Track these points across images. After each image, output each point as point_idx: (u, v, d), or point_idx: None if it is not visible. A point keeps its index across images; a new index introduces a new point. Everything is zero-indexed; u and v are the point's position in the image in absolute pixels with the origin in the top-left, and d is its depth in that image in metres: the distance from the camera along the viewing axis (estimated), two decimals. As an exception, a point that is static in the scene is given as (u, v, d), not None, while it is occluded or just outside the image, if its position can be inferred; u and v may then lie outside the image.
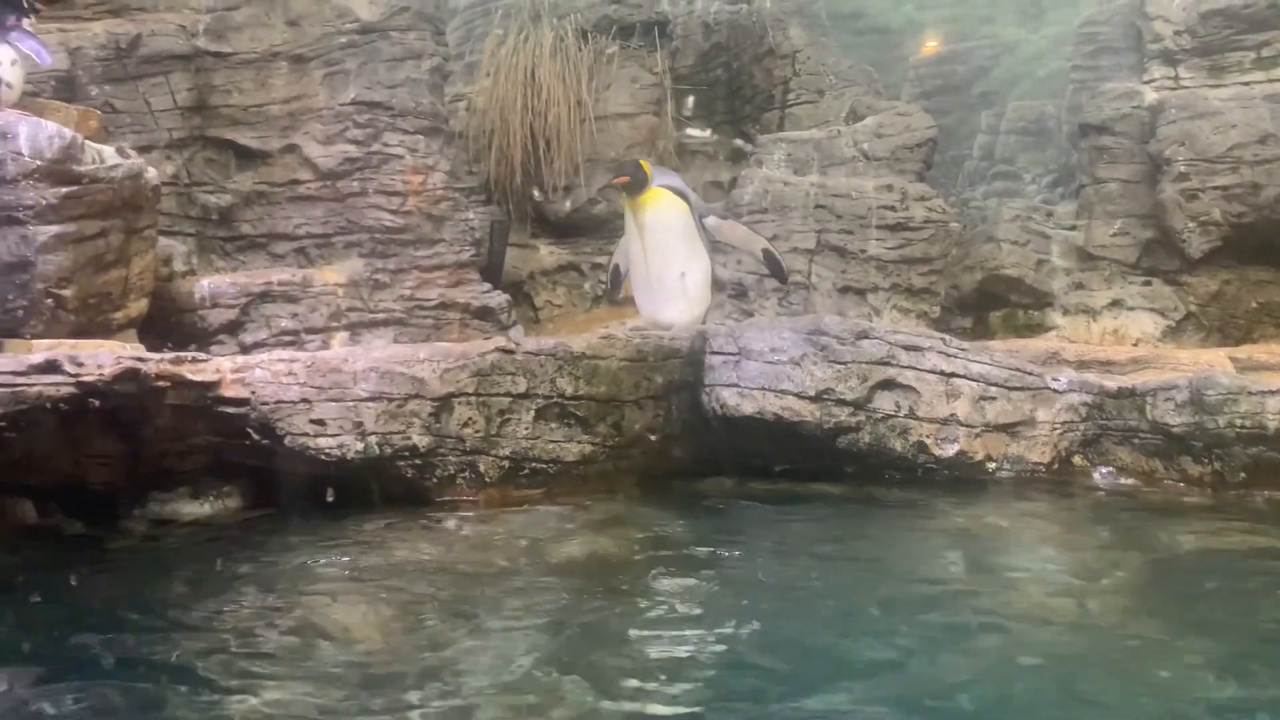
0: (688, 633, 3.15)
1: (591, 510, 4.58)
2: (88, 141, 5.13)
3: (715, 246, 6.59)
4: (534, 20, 8.32)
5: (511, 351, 4.82)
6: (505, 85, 8.03)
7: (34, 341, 4.75)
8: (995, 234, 8.10)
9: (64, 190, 4.98)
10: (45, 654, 2.88)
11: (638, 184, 6.30)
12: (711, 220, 6.47)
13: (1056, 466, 5.16)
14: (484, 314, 6.89)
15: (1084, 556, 4.01)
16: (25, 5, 5.17)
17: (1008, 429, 5.13)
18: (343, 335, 6.30)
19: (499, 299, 6.98)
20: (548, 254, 8.22)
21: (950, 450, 5.07)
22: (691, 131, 8.38)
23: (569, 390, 4.87)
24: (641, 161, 6.55)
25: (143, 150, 5.97)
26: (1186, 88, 7.90)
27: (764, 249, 6.62)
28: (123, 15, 6.64)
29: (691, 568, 3.87)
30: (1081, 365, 6.03)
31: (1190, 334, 7.67)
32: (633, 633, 3.11)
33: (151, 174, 5.44)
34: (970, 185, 10.19)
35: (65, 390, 3.95)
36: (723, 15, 8.62)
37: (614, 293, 6.85)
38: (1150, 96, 7.92)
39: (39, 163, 4.89)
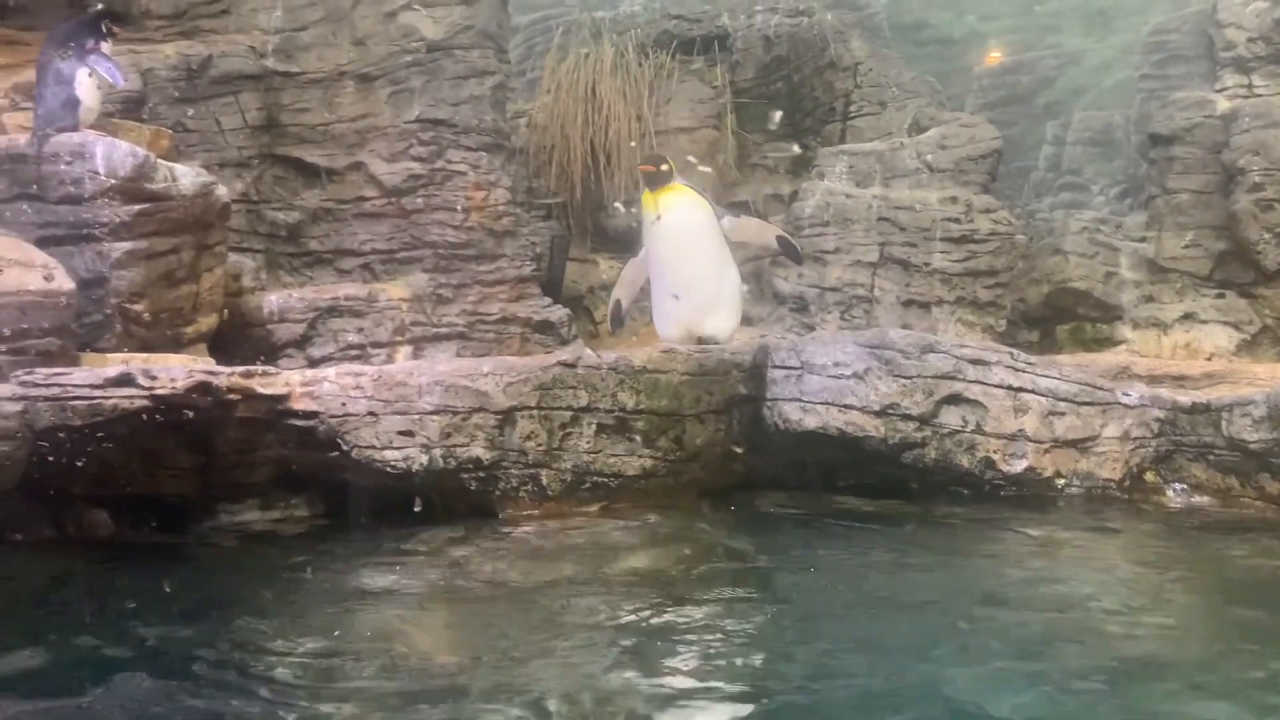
0: (752, 650, 3.12)
1: (653, 524, 4.57)
2: (160, 160, 5.25)
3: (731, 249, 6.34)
4: (594, 37, 8.37)
5: (573, 365, 4.83)
6: (566, 101, 8.08)
7: (108, 355, 4.86)
8: (1062, 246, 7.96)
9: (137, 208, 5.10)
10: (129, 663, 2.94)
11: (663, 177, 6.10)
12: (727, 221, 6.21)
13: (1128, 483, 5.05)
14: (544, 328, 6.93)
15: (1157, 576, 3.91)
16: (103, 29, 5.31)
17: (1077, 444, 5.03)
18: (407, 349, 6.36)
19: (559, 313, 7.01)
20: (607, 268, 8.23)
21: (1018, 466, 4.98)
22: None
23: (630, 404, 4.87)
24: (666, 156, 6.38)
25: (213, 168, 6.10)
26: (1260, 96, 7.72)
27: (777, 236, 6.50)
28: (193, 37, 6.78)
29: (755, 584, 3.84)
30: (1153, 380, 5.90)
31: (1266, 348, 7.47)
32: (697, 649, 3.09)
33: (221, 192, 5.55)
34: (1036, 197, 10.03)
35: (139, 403, 4.04)
36: (783, 28, 8.60)
37: (616, 327, 6.57)
38: (1223, 105, 7.74)
39: (114, 181, 5.02)
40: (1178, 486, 5.08)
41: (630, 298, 6.52)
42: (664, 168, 6.11)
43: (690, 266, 6.04)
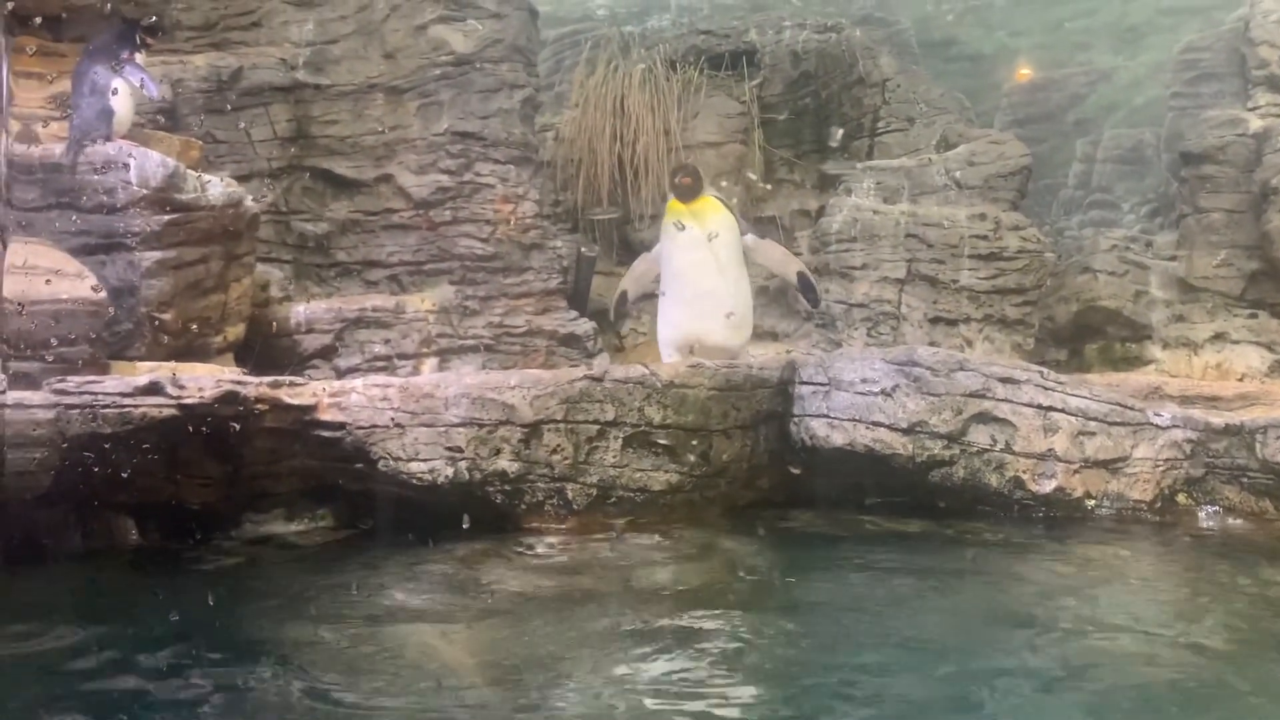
0: (779, 670, 3.09)
1: (678, 540, 4.54)
2: (190, 171, 5.28)
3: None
4: (623, 51, 8.39)
5: (600, 379, 4.82)
6: (594, 115, 8.09)
7: (137, 364, 4.88)
8: (1092, 264, 7.90)
9: (167, 218, 5.13)
10: (146, 674, 2.94)
11: (695, 189, 6.10)
12: (750, 239, 6.18)
13: (1159, 505, 4.98)
14: (570, 341, 6.93)
15: (1191, 600, 3.85)
16: (137, 41, 5.36)
17: (1108, 465, 4.97)
18: (433, 361, 6.38)
19: (585, 326, 7.01)
20: (633, 282, 8.23)
21: (1048, 486, 4.93)
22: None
23: (657, 419, 4.85)
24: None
25: (242, 179, 6.14)
26: (1294, 115, 7.64)
27: (799, 272, 6.41)
28: (224, 49, 6.84)
29: (781, 603, 3.80)
30: (1185, 401, 5.82)
31: (1300, 369, 7.38)
32: (723, 668, 3.06)
33: (250, 202, 5.58)
34: (1065, 214, 9.97)
35: (167, 412, 4.06)
36: (811, 44, 8.59)
37: (619, 321, 6.50)
38: (1255, 124, 7.67)
39: (145, 191, 5.06)
40: (1210, 509, 5.02)
41: (638, 292, 6.45)
42: (699, 178, 6.13)
43: (709, 280, 6.01)
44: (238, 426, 4.23)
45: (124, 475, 4.03)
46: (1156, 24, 10.42)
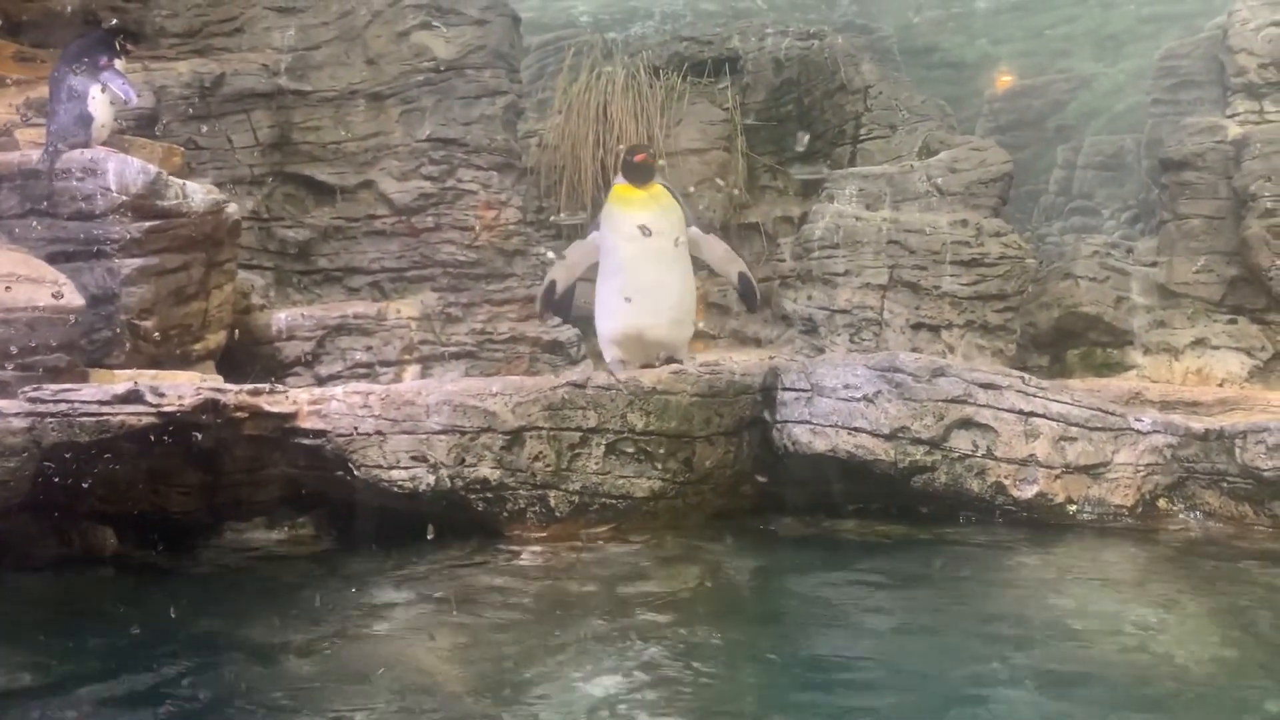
0: (760, 678, 3.09)
1: (661, 547, 4.54)
2: (171, 177, 5.25)
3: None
4: (606, 58, 8.39)
5: (582, 386, 4.81)
6: (577, 122, 8.09)
7: (117, 372, 4.85)
8: (1073, 270, 7.93)
9: (148, 224, 5.09)
10: (129, 684, 2.91)
11: (648, 171, 5.78)
12: (694, 231, 5.83)
13: (1140, 510, 5.00)
14: (554, 348, 6.91)
15: (1174, 606, 3.86)
16: (116, 46, 5.33)
17: (1089, 470, 4.99)
18: (415, 368, 6.35)
19: (569, 333, 7.00)
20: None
21: (1029, 492, 4.94)
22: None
23: (639, 425, 4.84)
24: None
25: (224, 185, 6.10)
26: (1272, 121, 7.69)
27: (741, 272, 6.09)
28: (206, 55, 6.81)
29: (763, 610, 3.80)
30: (1166, 406, 5.84)
31: (1279, 374, 7.42)
32: (704, 677, 3.06)
33: (232, 209, 5.55)
34: (1046, 221, 10.02)
35: (147, 420, 4.03)
36: (794, 51, 8.60)
37: (546, 312, 6.15)
38: (1234, 131, 7.72)
39: (125, 198, 5.02)
40: (1191, 514, 5.04)
41: (568, 282, 6.08)
42: (657, 163, 5.81)
43: (654, 272, 5.67)
44: (218, 435, 4.21)
45: (101, 484, 4.01)
46: (1136, 31, 10.50)
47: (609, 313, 5.76)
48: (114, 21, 6.31)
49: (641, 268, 5.69)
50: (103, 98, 5.14)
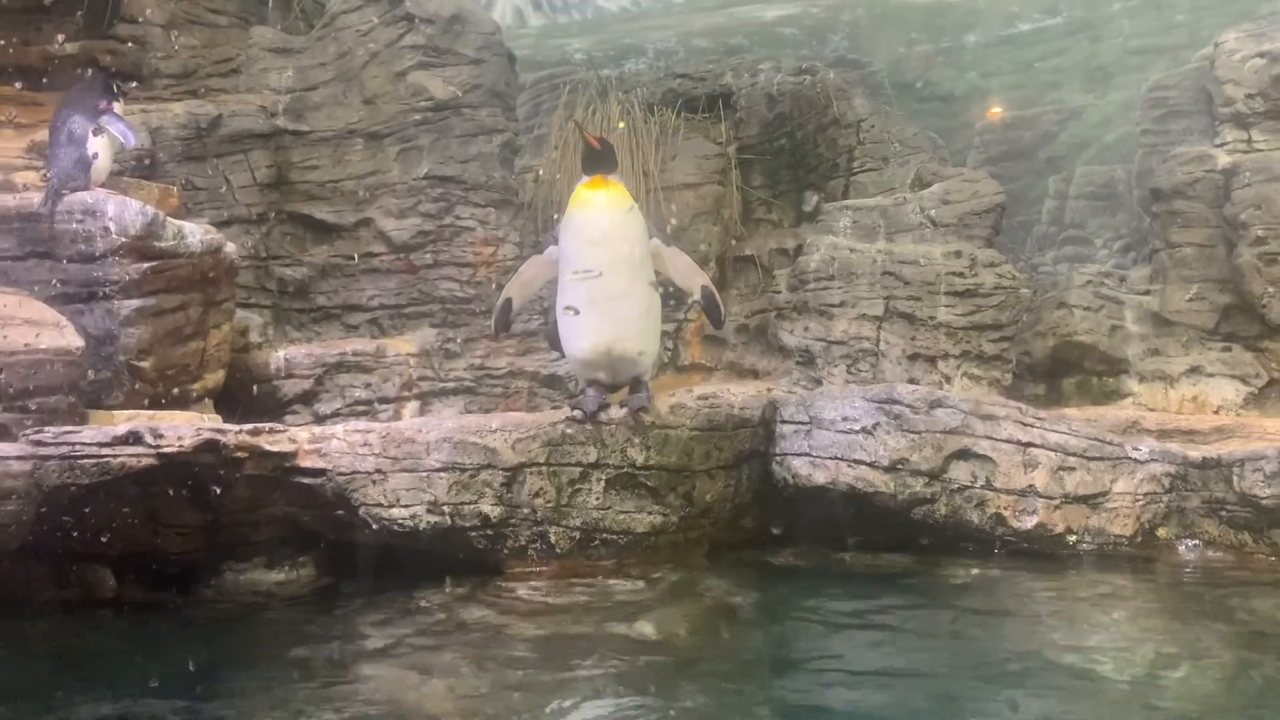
0: (762, 715, 3.08)
1: (662, 582, 4.53)
2: (168, 218, 5.28)
3: None
4: (601, 95, 8.45)
5: (582, 421, 4.82)
6: (573, 158, 8.12)
7: (115, 413, 4.85)
8: (1067, 300, 7.96)
9: (146, 265, 5.12)
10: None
11: (605, 161, 5.37)
12: (656, 243, 5.40)
13: (1140, 539, 5.01)
14: (552, 382, 6.93)
15: (1179, 636, 3.86)
16: (115, 90, 5.38)
17: (1088, 500, 5.00)
18: (414, 404, 6.36)
19: (567, 367, 7.01)
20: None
21: (1029, 522, 4.95)
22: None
23: (640, 460, 4.85)
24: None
25: (221, 225, 6.13)
26: (1260, 151, 7.75)
27: (704, 286, 5.65)
28: (203, 96, 6.87)
29: (764, 645, 3.79)
30: (1163, 434, 5.86)
31: (1274, 401, 7.43)
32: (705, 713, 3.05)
33: (230, 249, 5.58)
34: (1040, 250, 10.07)
35: (146, 461, 4.03)
36: (786, 86, 8.68)
37: (501, 330, 5.77)
38: (1223, 160, 7.78)
39: (124, 239, 5.04)
40: (1190, 543, 5.05)
41: (524, 299, 5.76)
42: (610, 151, 5.42)
43: (620, 279, 5.25)
44: (218, 475, 4.21)
45: (102, 526, 4.00)
46: (1124, 63, 10.62)
47: (575, 332, 5.35)
48: (108, 59, 6.39)
49: (609, 276, 5.24)
50: (102, 141, 5.18)
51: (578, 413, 4.85)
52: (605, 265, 5.24)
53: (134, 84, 6.41)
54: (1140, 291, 8.00)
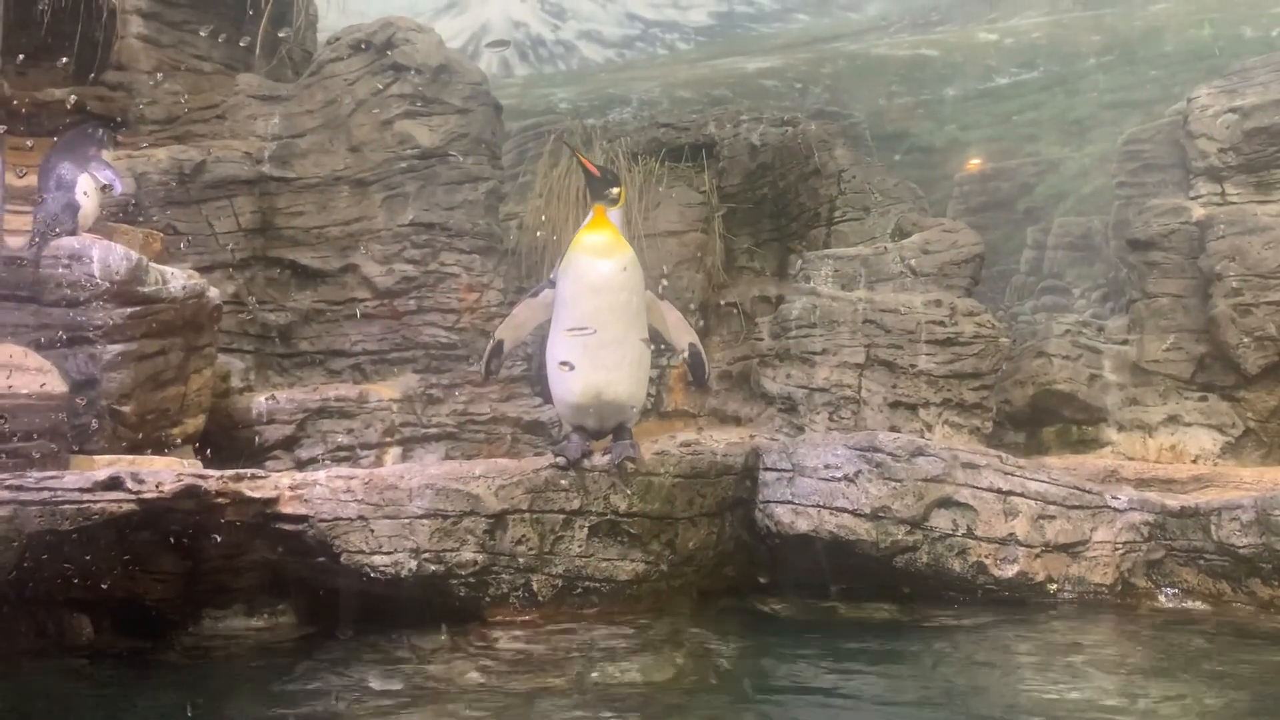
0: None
1: (644, 631, 4.51)
2: (151, 263, 5.29)
3: None
4: (585, 143, 8.54)
5: (565, 468, 4.83)
6: (557, 205, 8.21)
7: (96, 458, 4.83)
8: (1046, 349, 8.05)
9: (129, 310, 5.13)
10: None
11: (610, 184, 5.32)
12: (649, 295, 5.38)
13: (1119, 588, 5.04)
14: (535, 428, 6.93)
15: (1163, 687, 3.86)
16: (103, 137, 5.41)
17: (1068, 549, 5.03)
18: (396, 450, 6.35)
19: (550, 413, 7.02)
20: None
21: (1010, 571, 4.96)
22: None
23: (623, 507, 4.85)
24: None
25: (205, 270, 6.15)
26: (1234, 203, 7.90)
27: (691, 343, 5.65)
28: (186, 142, 6.90)
29: (742, 698, 3.78)
30: (1141, 483, 5.92)
31: (1250, 450, 7.51)
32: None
33: (213, 294, 5.59)
34: (1018, 300, 10.18)
35: (127, 507, 4.01)
36: (769, 137, 8.80)
37: (490, 373, 5.70)
38: (1198, 212, 7.92)
39: (108, 284, 5.05)
40: (1169, 591, 5.07)
41: (515, 342, 5.72)
42: (613, 190, 5.34)
43: (618, 327, 5.20)
44: (198, 521, 4.19)
45: (80, 572, 3.97)
46: (1100, 117, 10.82)
47: (565, 379, 5.29)
48: (96, 105, 6.42)
49: (606, 320, 5.21)
50: (91, 187, 5.21)
51: (561, 459, 4.86)
52: (603, 311, 5.22)
53: (124, 128, 6.44)
54: (1118, 341, 8.10)
